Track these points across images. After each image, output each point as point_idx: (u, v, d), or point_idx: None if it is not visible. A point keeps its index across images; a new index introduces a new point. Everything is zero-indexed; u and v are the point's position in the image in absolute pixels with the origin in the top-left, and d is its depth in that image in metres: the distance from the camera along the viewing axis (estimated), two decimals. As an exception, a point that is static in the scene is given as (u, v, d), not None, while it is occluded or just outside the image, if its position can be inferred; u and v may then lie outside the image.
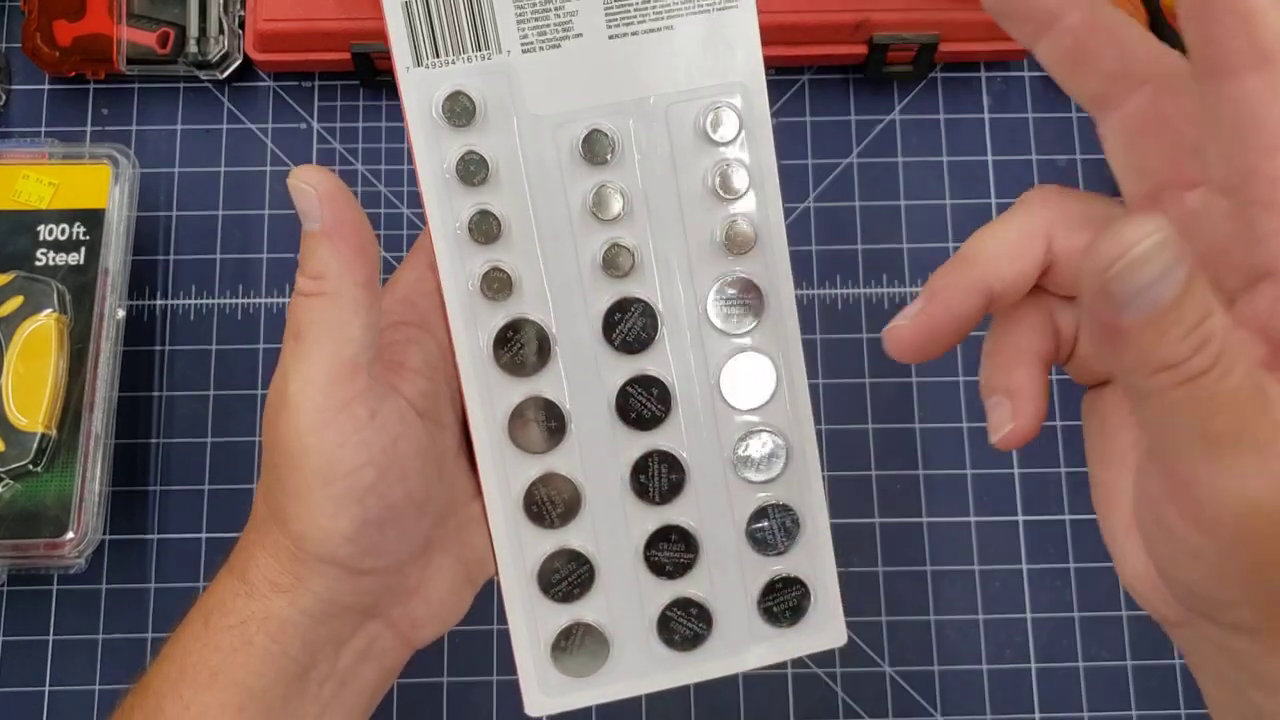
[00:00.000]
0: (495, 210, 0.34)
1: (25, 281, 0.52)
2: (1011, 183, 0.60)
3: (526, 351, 0.34)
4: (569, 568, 0.36)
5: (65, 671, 0.54)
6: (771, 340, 0.36)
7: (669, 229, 0.35)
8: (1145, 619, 0.55)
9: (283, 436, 0.31)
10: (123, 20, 0.58)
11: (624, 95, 0.34)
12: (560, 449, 0.35)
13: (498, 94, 0.33)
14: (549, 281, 0.34)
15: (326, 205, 0.30)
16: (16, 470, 0.51)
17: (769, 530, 0.36)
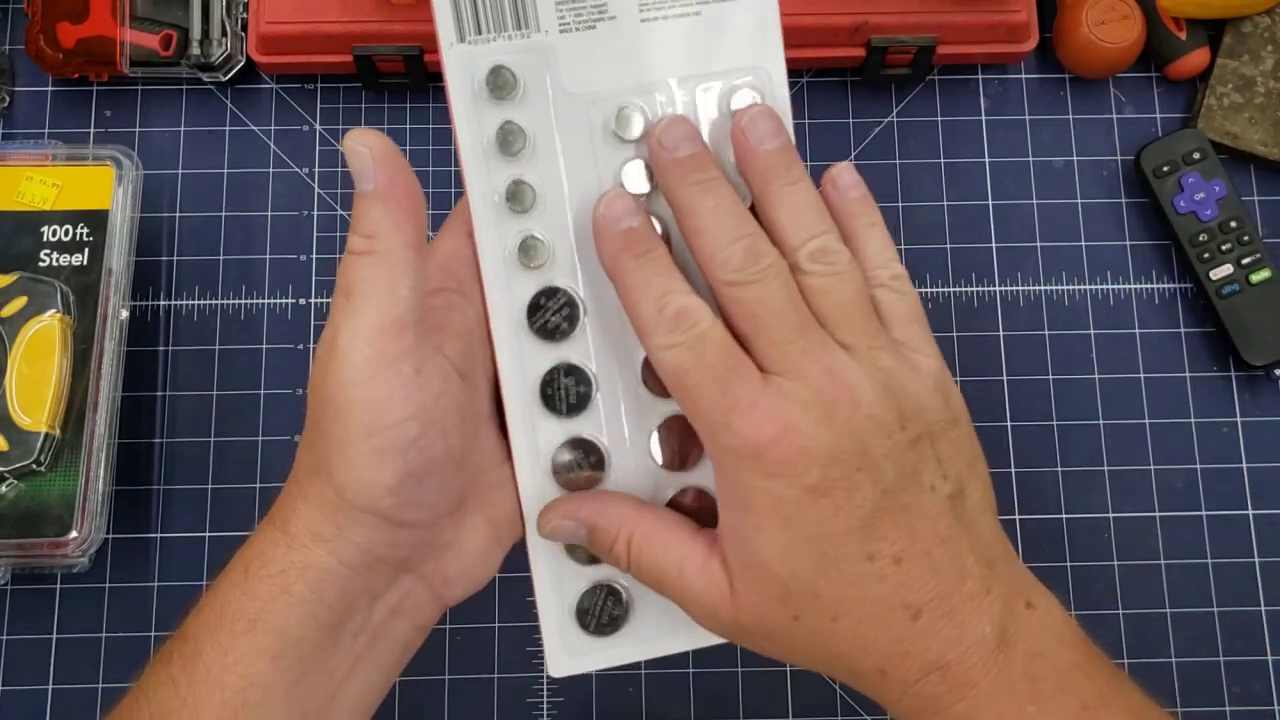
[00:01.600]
0: (530, 181, 0.35)
1: (29, 282, 0.53)
2: (1009, 184, 0.60)
3: (558, 318, 0.36)
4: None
5: (68, 670, 0.54)
6: None
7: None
8: (1140, 617, 0.55)
9: (330, 389, 0.32)
10: (126, 22, 0.58)
11: (654, 75, 0.35)
12: (587, 413, 0.36)
13: (536, 71, 0.35)
14: (579, 251, 0.36)
15: (381, 167, 0.32)
16: (20, 470, 0.51)
17: None
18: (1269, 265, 0.58)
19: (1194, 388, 0.58)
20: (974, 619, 0.32)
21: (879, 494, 0.31)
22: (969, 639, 0.31)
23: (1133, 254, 0.60)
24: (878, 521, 0.31)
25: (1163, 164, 0.58)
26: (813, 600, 0.32)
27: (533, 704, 0.54)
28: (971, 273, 0.59)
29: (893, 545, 0.31)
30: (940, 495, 0.32)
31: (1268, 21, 0.60)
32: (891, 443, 0.32)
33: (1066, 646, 0.33)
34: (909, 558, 0.31)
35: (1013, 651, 0.32)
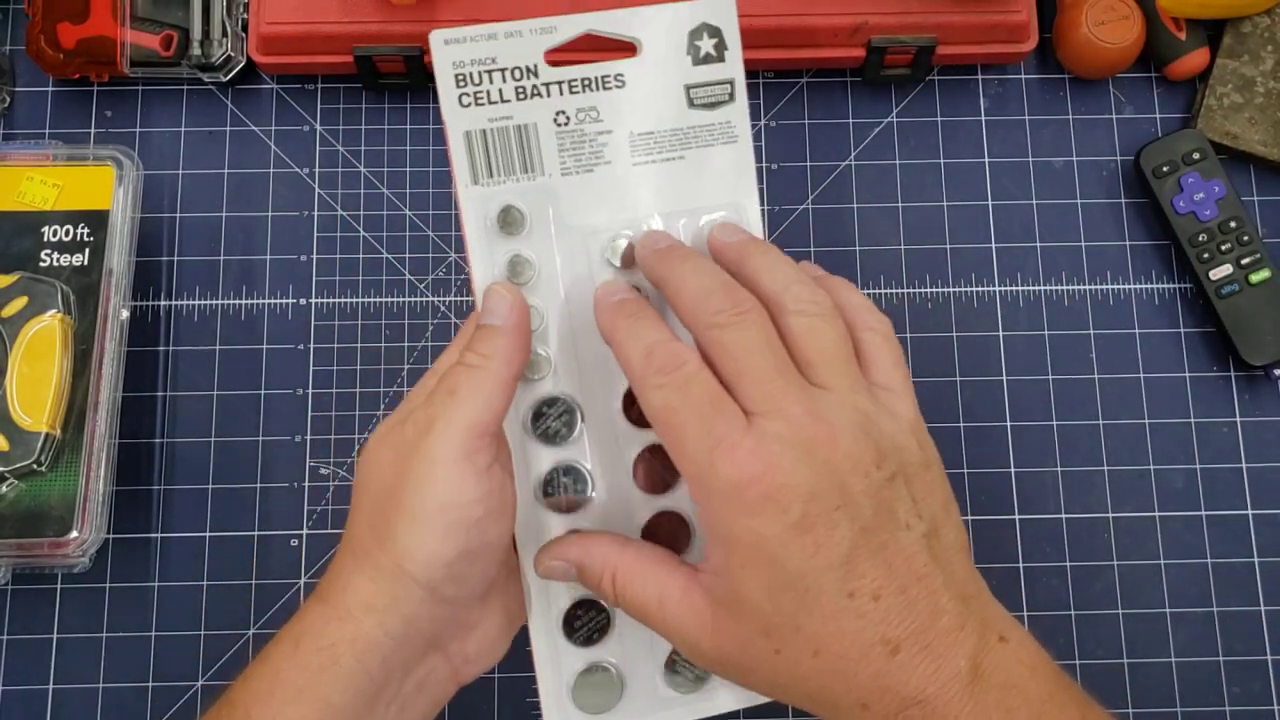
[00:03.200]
0: (535, 304, 0.40)
1: (30, 282, 0.53)
2: (1008, 184, 0.61)
3: (558, 423, 0.40)
4: (590, 615, 0.40)
5: (69, 670, 0.54)
6: None
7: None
8: (1141, 616, 0.55)
9: (416, 465, 0.36)
10: (126, 23, 0.58)
11: (642, 210, 0.40)
12: (584, 511, 0.40)
13: (541, 208, 0.40)
14: (580, 364, 0.40)
15: (514, 312, 0.37)
16: (21, 470, 0.51)
17: None
18: (1268, 265, 0.58)
19: (1194, 388, 0.58)
20: (950, 653, 0.33)
21: (857, 531, 0.32)
22: (946, 673, 0.32)
23: (1132, 254, 0.60)
24: (857, 558, 0.32)
25: (1162, 164, 0.58)
26: (794, 634, 0.33)
27: (533, 704, 0.54)
28: (971, 273, 0.59)
29: (871, 582, 0.32)
30: (915, 534, 0.34)
31: (1267, 22, 0.60)
32: (868, 481, 0.33)
33: (1039, 679, 0.33)
34: (887, 594, 0.33)
35: (987, 684, 0.32)
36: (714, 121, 0.40)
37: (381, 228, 0.59)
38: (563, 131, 0.40)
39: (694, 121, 0.40)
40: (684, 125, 0.40)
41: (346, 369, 0.58)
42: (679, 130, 0.40)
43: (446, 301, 0.59)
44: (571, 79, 0.40)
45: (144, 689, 0.54)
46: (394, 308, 0.58)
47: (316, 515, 0.56)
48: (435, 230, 0.59)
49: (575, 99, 0.40)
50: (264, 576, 0.55)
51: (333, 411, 0.57)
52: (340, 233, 0.59)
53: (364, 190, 0.60)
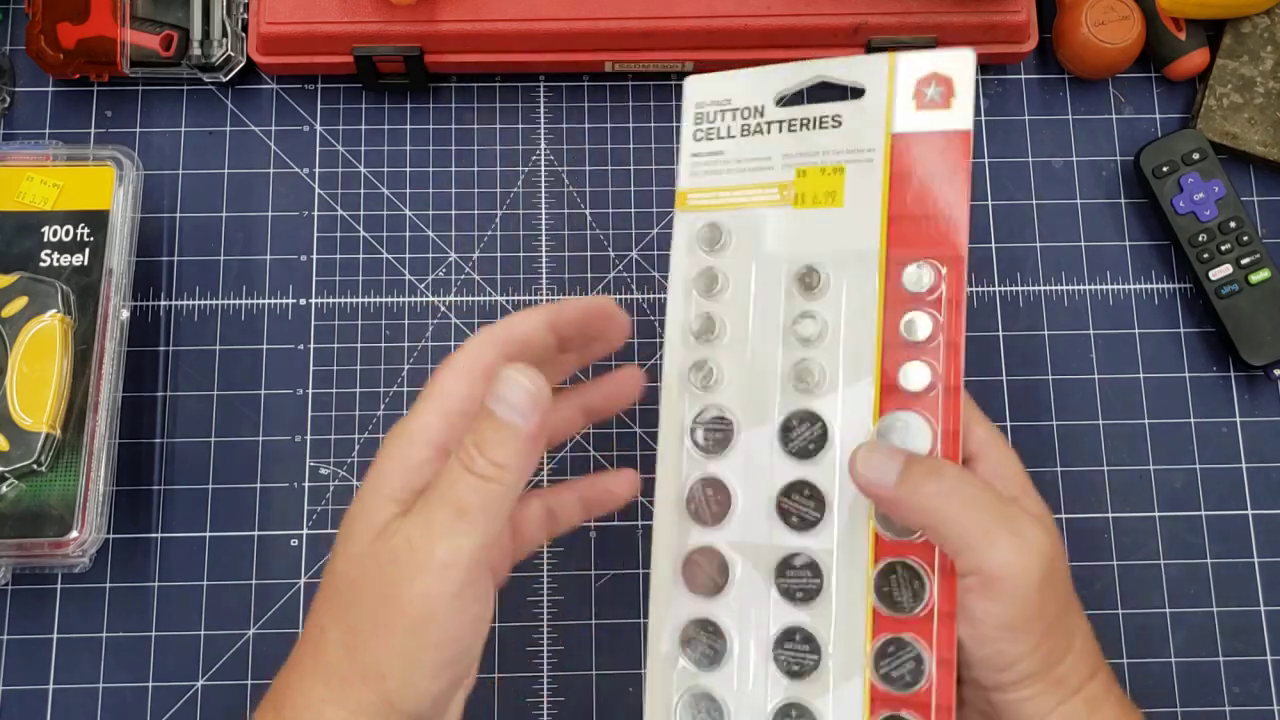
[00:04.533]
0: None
1: (30, 282, 0.53)
2: (1008, 184, 0.61)
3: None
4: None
5: (69, 670, 0.54)
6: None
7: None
8: (1143, 616, 0.55)
9: (411, 601, 0.33)
10: (126, 23, 0.58)
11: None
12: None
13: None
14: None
15: (536, 411, 0.34)
16: (21, 470, 0.51)
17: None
18: (1268, 265, 0.58)
19: (1193, 388, 0.58)
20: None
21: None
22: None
23: (1132, 254, 0.60)
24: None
25: (1162, 164, 0.58)
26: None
27: (533, 704, 0.54)
28: (972, 273, 0.59)
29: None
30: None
31: (1267, 22, 0.60)
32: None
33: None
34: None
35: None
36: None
37: (381, 228, 0.59)
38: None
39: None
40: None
41: (346, 369, 0.58)
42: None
43: (446, 301, 0.59)
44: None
45: (144, 689, 0.54)
46: (394, 308, 0.58)
47: (316, 515, 0.56)
48: (435, 230, 0.59)
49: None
50: (264, 576, 0.55)
51: (333, 411, 0.57)
52: (340, 233, 0.59)
53: (364, 190, 0.60)
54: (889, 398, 0.39)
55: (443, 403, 0.36)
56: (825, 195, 0.41)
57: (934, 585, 0.38)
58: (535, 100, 0.61)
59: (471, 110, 0.61)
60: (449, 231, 0.59)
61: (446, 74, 0.61)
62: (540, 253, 0.59)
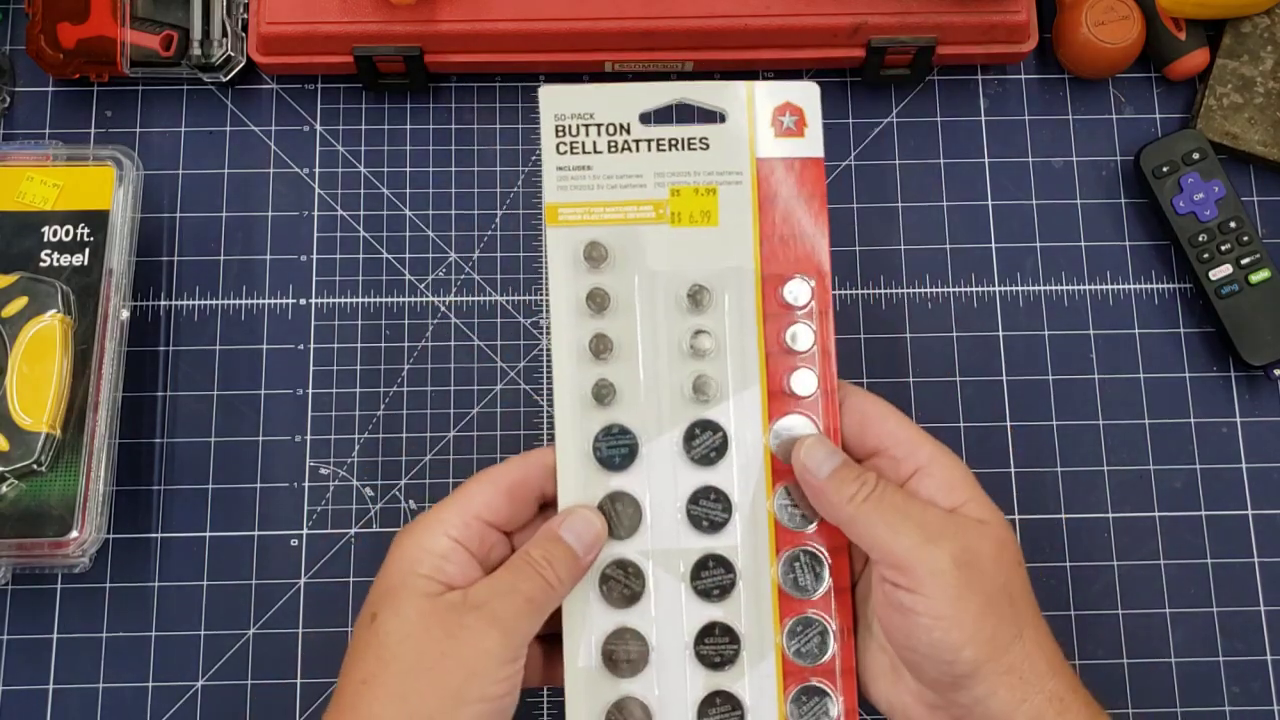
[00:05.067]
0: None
1: (30, 282, 0.53)
2: (1008, 184, 0.61)
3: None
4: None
5: (68, 670, 0.54)
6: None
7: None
8: (1140, 617, 0.55)
9: (470, 656, 0.38)
10: (126, 23, 0.58)
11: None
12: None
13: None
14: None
15: (593, 550, 0.41)
16: (21, 470, 0.51)
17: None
18: (1268, 265, 0.58)
19: (1193, 388, 0.58)
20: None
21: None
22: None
23: (1132, 254, 0.60)
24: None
25: (1162, 164, 0.58)
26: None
27: (533, 704, 0.54)
28: (971, 273, 0.59)
29: None
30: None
31: (1267, 22, 0.60)
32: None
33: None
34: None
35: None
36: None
37: (381, 228, 0.59)
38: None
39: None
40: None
41: (346, 369, 0.58)
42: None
43: (446, 301, 0.59)
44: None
45: (144, 689, 0.54)
46: (394, 308, 0.58)
47: (316, 515, 0.56)
48: (435, 230, 0.59)
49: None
50: (264, 576, 0.55)
51: (333, 411, 0.57)
52: (340, 233, 0.59)
53: (364, 190, 0.60)
54: (775, 402, 0.44)
55: (467, 505, 0.41)
56: (701, 214, 0.44)
57: (830, 566, 0.43)
58: (535, 100, 0.61)
59: (471, 110, 0.61)
60: (449, 231, 0.59)
61: (446, 74, 0.61)
62: (540, 253, 0.59)
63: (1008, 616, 0.38)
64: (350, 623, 0.55)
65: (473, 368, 0.58)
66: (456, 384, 0.58)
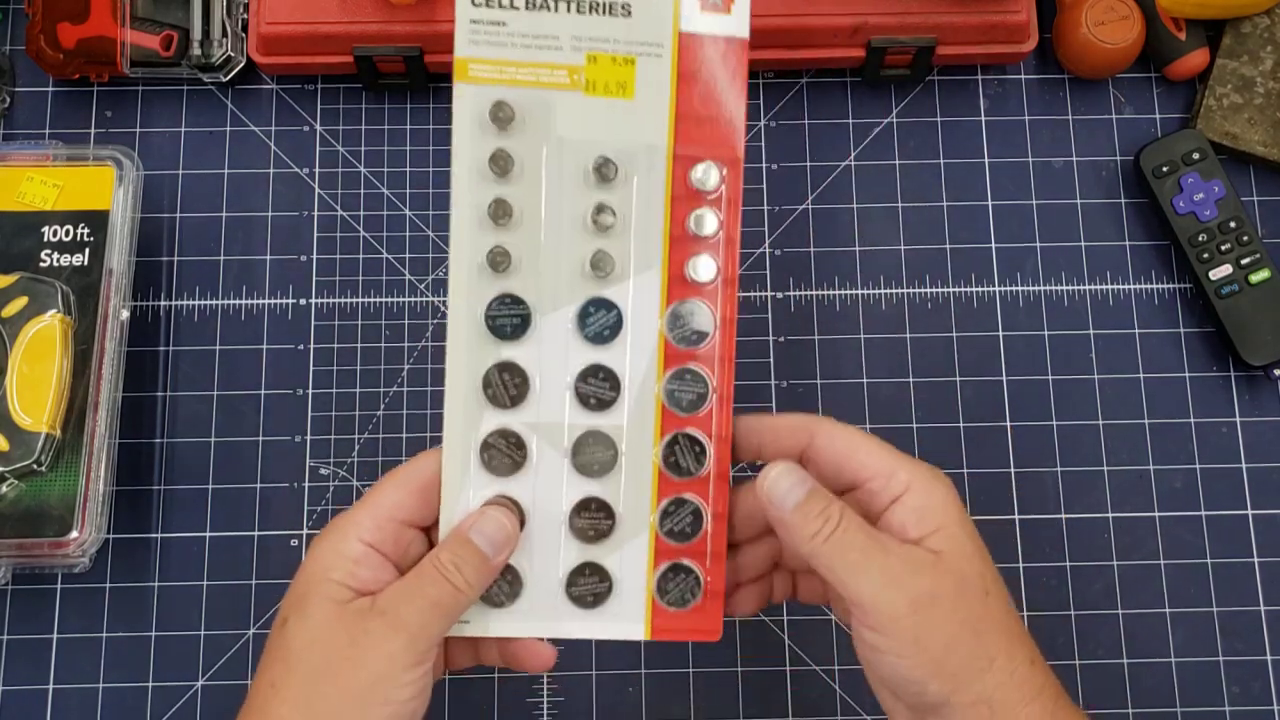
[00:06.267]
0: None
1: (30, 282, 0.53)
2: (1008, 184, 0.61)
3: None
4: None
5: (69, 670, 0.54)
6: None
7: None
8: (1141, 616, 0.55)
9: (376, 659, 0.38)
10: (126, 23, 0.58)
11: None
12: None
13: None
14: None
15: (505, 550, 0.41)
16: (21, 470, 0.51)
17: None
18: (1268, 265, 0.58)
19: (1193, 388, 0.58)
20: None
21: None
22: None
23: (1132, 254, 0.60)
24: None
25: (1162, 164, 0.58)
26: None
27: (533, 704, 0.54)
28: (971, 273, 0.59)
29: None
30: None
31: (1267, 22, 0.60)
32: None
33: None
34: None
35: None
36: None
37: (381, 228, 0.59)
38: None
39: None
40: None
41: (346, 369, 0.58)
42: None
43: (446, 301, 0.58)
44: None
45: (144, 689, 0.54)
46: (394, 308, 0.58)
47: (316, 515, 0.56)
48: (435, 230, 0.59)
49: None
50: (264, 576, 0.55)
51: (333, 411, 0.57)
52: (340, 233, 0.59)
53: (364, 190, 0.60)
54: (675, 287, 0.43)
55: (379, 507, 0.40)
56: (616, 85, 0.42)
57: (712, 451, 0.42)
58: (535, 100, 0.61)
59: (471, 110, 0.61)
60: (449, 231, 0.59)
61: (446, 74, 0.61)
62: (540, 253, 0.59)
63: (974, 649, 0.38)
64: (350, 623, 0.55)
65: (473, 368, 0.58)
66: (456, 384, 0.58)
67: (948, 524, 0.39)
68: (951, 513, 0.40)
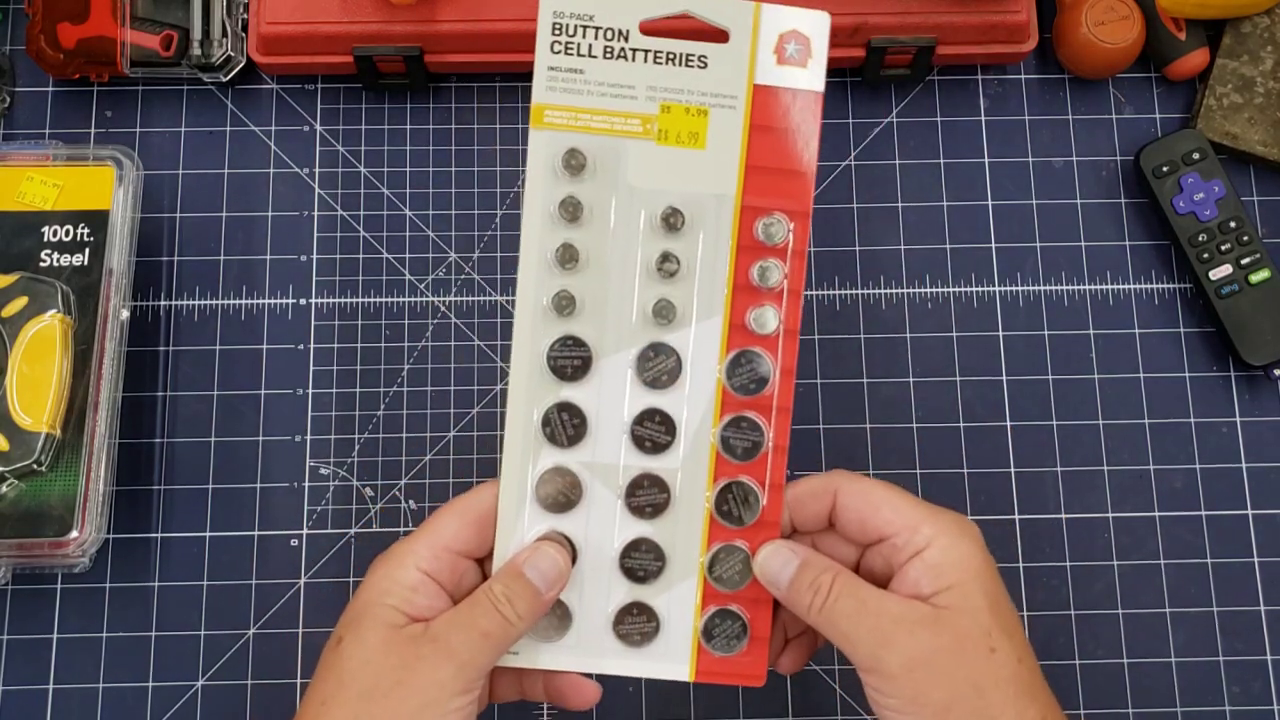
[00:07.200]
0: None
1: (30, 282, 0.53)
2: (1008, 184, 0.61)
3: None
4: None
5: (69, 670, 0.54)
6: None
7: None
8: (1141, 616, 0.55)
9: (425, 686, 0.39)
10: (126, 23, 0.58)
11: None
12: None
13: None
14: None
15: (557, 586, 0.42)
16: (21, 470, 0.51)
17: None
18: (1268, 265, 0.58)
19: (1193, 388, 0.58)
20: None
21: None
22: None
23: (1132, 254, 0.60)
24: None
25: (1162, 164, 0.58)
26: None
27: (533, 703, 0.54)
28: (971, 273, 0.59)
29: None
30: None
31: (1267, 22, 0.60)
32: None
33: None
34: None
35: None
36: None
37: (381, 228, 0.59)
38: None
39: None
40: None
41: (346, 369, 0.58)
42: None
43: (446, 301, 0.59)
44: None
45: (144, 689, 0.54)
46: (394, 308, 0.58)
47: (316, 515, 0.56)
48: (435, 230, 0.59)
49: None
50: (264, 576, 0.55)
51: (333, 411, 0.57)
52: (340, 233, 0.59)
53: (364, 190, 0.60)
54: (735, 336, 0.43)
55: (437, 537, 0.41)
56: (689, 135, 0.43)
57: (764, 500, 0.43)
58: (535, 100, 0.61)
59: (471, 110, 0.61)
60: (449, 231, 0.59)
61: (446, 74, 0.61)
62: (540, 253, 0.59)
63: (976, 707, 0.38)
64: (350, 623, 0.55)
65: (473, 368, 0.58)
66: (456, 384, 0.58)
67: (963, 580, 0.39)
68: (969, 567, 0.40)
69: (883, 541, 0.41)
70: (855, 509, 0.41)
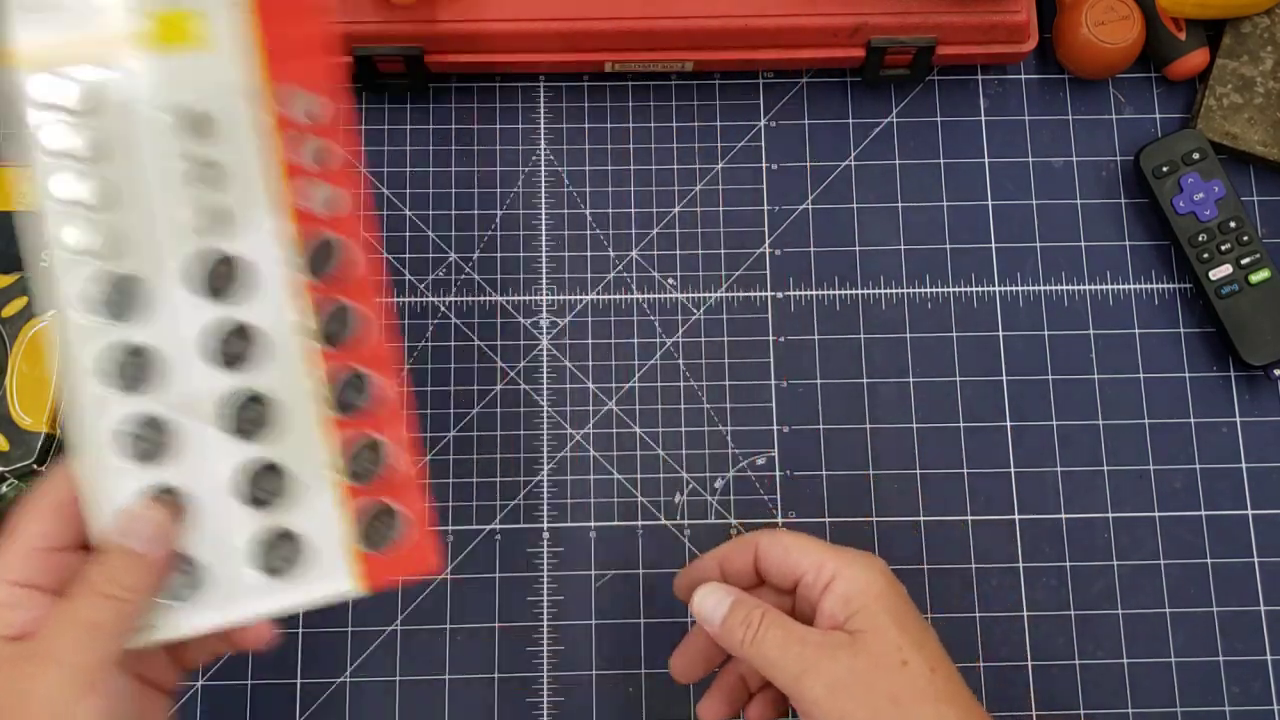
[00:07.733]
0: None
1: (30, 282, 0.53)
2: (1008, 184, 0.61)
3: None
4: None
5: (69, 670, 0.54)
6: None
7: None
8: (1143, 616, 0.55)
9: (43, 700, 0.36)
10: (126, 23, 0.58)
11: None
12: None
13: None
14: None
15: (161, 540, 0.38)
16: (21, 470, 0.51)
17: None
18: (1268, 265, 0.58)
19: (1193, 388, 0.58)
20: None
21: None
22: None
23: (1132, 254, 0.60)
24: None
25: (1162, 164, 0.58)
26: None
27: (533, 704, 0.54)
28: (971, 273, 0.59)
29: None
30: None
31: (1267, 22, 0.60)
32: None
33: None
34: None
35: None
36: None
37: (381, 228, 0.59)
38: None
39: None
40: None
41: (346, 369, 0.58)
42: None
43: (446, 302, 0.59)
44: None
45: (144, 689, 0.54)
46: (394, 308, 0.58)
47: (316, 515, 0.56)
48: (435, 230, 0.59)
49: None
50: (264, 576, 0.55)
51: (333, 411, 0.57)
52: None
53: (363, 190, 0.60)
54: (298, 223, 0.40)
55: (20, 543, 0.38)
56: (194, 39, 0.39)
57: (372, 378, 0.40)
58: (535, 100, 0.61)
59: (471, 110, 0.61)
60: (449, 231, 0.59)
61: (446, 74, 0.61)
62: (540, 253, 0.59)
63: (894, 718, 0.41)
64: (352, 621, 0.55)
65: (473, 368, 0.58)
66: (456, 384, 0.58)
67: (867, 603, 0.43)
68: (872, 591, 0.43)
69: (799, 582, 0.44)
70: (773, 556, 0.45)
